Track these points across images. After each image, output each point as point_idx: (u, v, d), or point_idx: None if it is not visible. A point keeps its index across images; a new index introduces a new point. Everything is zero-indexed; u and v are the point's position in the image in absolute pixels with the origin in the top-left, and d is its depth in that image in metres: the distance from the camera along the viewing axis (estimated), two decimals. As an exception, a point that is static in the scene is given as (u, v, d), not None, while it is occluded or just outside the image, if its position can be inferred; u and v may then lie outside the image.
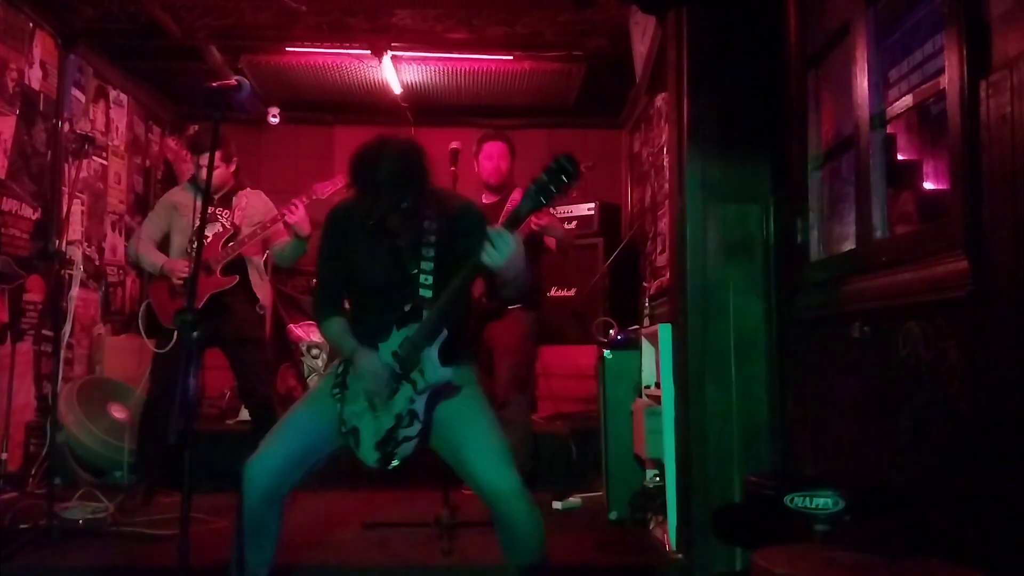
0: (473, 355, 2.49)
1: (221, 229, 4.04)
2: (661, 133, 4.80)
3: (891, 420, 2.19)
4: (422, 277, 2.30)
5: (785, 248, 2.95)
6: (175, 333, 3.90)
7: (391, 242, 2.33)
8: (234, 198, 4.13)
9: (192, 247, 4.01)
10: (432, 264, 2.30)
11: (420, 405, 2.25)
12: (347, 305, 2.54)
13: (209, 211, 4.03)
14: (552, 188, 1.99)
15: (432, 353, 2.23)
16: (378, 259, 2.35)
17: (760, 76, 3.04)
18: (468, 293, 2.41)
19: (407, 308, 2.27)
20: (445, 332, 2.24)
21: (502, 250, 2.03)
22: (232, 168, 4.15)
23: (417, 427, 2.24)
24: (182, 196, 4.19)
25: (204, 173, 3.99)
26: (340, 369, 2.41)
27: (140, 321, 4.12)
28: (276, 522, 2.38)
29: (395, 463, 2.25)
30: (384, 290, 2.34)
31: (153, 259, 4.08)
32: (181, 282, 3.93)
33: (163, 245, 4.19)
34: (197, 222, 3.99)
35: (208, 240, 3.97)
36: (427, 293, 2.28)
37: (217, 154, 4.03)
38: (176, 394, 4.09)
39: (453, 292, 2.19)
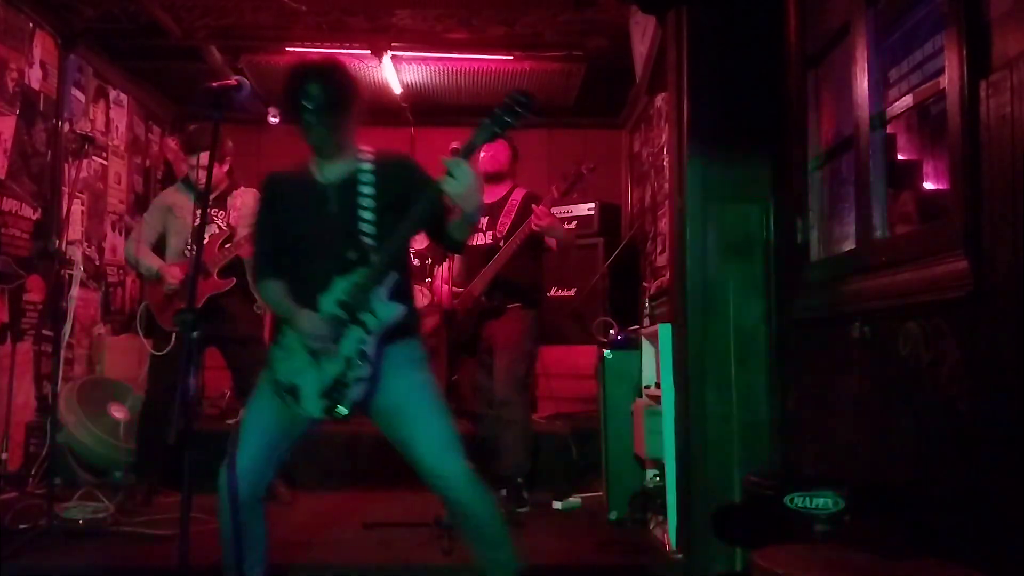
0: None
1: (217, 231, 4.03)
2: (661, 133, 4.80)
3: (891, 420, 2.19)
4: (363, 225, 2.30)
5: (785, 248, 2.95)
6: (173, 335, 3.91)
7: (331, 190, 2.35)
8: (229, 199, 4.12)
9: (188, 248, 4.01)
10: (373, 215, 2.31)
11: (371, 346, 2.25)
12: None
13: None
14: (507, 119, 2.09)
15: (381, 294, 2.25)
16: (318, 211, 2.36)
17: (760, 76, 3.04)
18: (409, 246, 2.44)
19: (352, 256, 2.27)
20: (395, 274, 2.26)
21: (461, 179, 2.07)
22: (226, 168, 4.13)
23: (368, 368, 2.25)
24: (177, 197, 4.17)
25: (197, 173, 4.00)
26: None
27: (139, 322, 4.12)
28: (260, 522, 2.38)
29: (341, 409, 2.24)
30: (325, 242, 2.33)
31: (149, 263, 4.06)
32: (174, 287, 3.93)
33: (159, 247, 4.17)
34: (191, 224, 4.01)
35: (205, 242, 3.95)
36: (370, 241, 2.29)
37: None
38: (175, 394, 4.08)
39: (407, 228, 2.23)
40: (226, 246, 3.99)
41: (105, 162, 5.45)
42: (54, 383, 3.81)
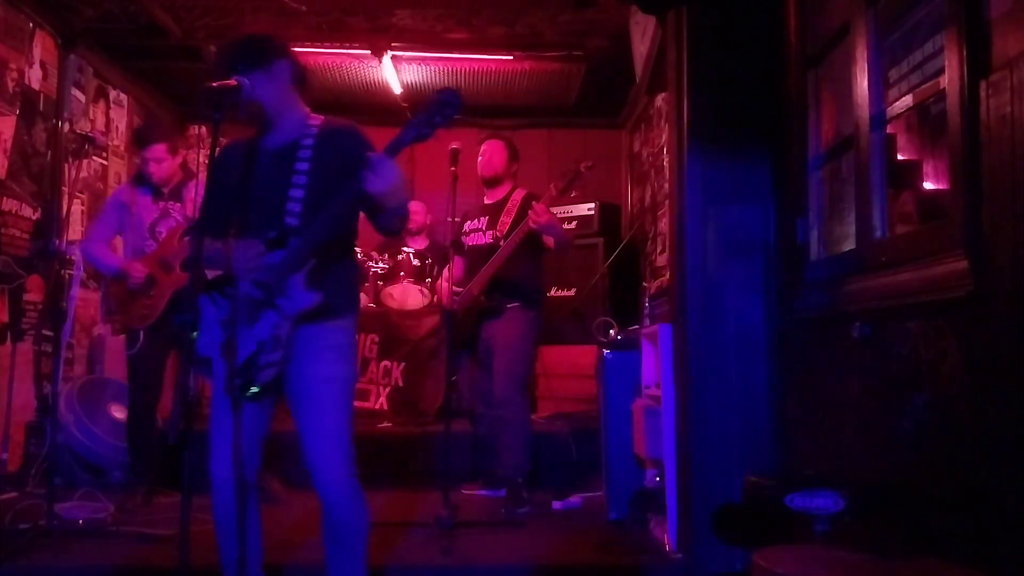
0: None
1: (175, 224, 3.95)
2: (661, 133, 4.80)
3: (891, 420, 2.19)
4: (289, 204, 2.27)
5: (785, 248, 2.95)
6: (140, 333, 3.87)
7: (267, 158, 2.33)
8: (183, 190, 4.01)
9: (146, 244, 3.96)
10: (303, 192, 2.28)
11: (285, 330, 2.22)
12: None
13: (160, 206, 3.97)
14: (437, 119, 2.06)
15: (299, 279, 2.22)
16: (252, 180, 2.32)
17: (760, 76, 3.04)
18: (347, 224, 2.36)
19: (272, 236, 2.24)
20: (313, 260, 2.22)
21: (383, 176, 2.04)
22: (179, 160, 4.07)
23: (280, 353, 2.22)
24: (131, 194, 4.07)
25: (149, 167, 3.95)
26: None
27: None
28: (257, 510, 2.38)
29: (253, 390, 2.21)
30: (253, 215, 2.30)
31: (108, 261, 3.99)
32: (138, 284, 3.85)
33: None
34: (148, 219, 3.95)
35: (163, 236, 3.91)
36: (293, 221, 2.26)
37: (163, 146, 3.98)
38: (157, 391, 4.03)
39: (328, 219, 2.18)
40: (185, 239, 3.88)
41: (105, 162, 5.45)
42: (54, 383, 3.81)
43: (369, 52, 5.30)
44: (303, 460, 2.30)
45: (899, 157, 2.89)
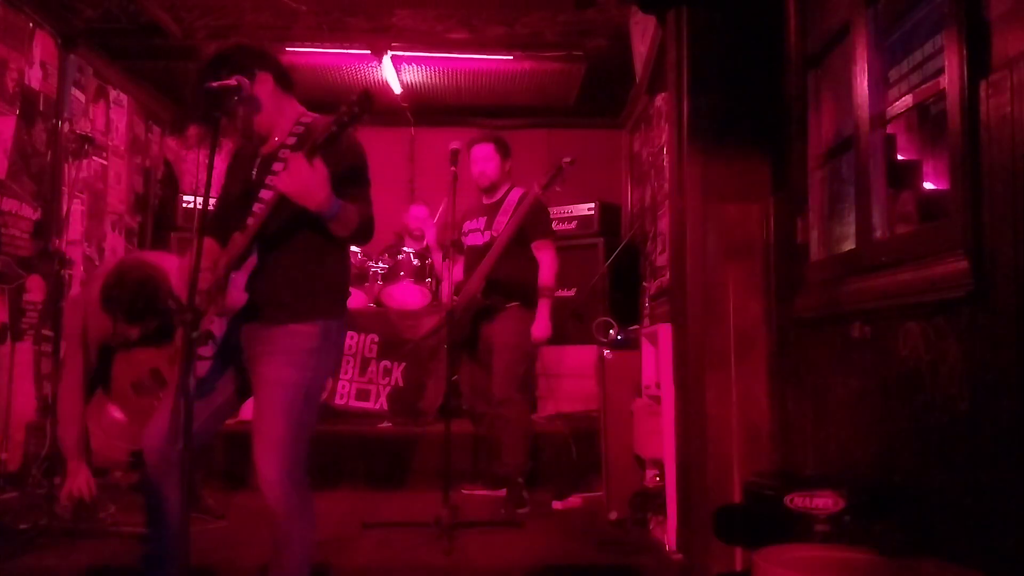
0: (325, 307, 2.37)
1: None
2: (661, 133, 4.80)
3: (891, 420, 2.19)
4: (256, 205, 2.29)
5: (785, 248, 2.95)
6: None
7: (257, 162, 2.35)
8: None
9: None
10: (273, 192, 2.24)
11: (219, 327, 2.26)
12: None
13: None
14: (346, 120, 2.07)
15: (239, 279, 2.24)
16: (240, 184, 2.36)
17: (760, 76, 3.04)
18: (306, 231, 2.28)
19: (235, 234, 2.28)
20: (255, 259, 2.24)
21: (293, 175, 2.04)
22: None
23: (211, 348, 2.25)
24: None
25: None
26: None
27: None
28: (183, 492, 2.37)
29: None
30: (231, 216, 2.33)
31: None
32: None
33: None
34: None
35: None
36: (251, 220, 2.26)
37: None
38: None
39: (259, 219, 2.19)
40: None
41: (105, 162, 5.45)
42: (54, 383, 3.80)
43: (369, 52, 5.31)
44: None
45: (899, 157, 2.89)
